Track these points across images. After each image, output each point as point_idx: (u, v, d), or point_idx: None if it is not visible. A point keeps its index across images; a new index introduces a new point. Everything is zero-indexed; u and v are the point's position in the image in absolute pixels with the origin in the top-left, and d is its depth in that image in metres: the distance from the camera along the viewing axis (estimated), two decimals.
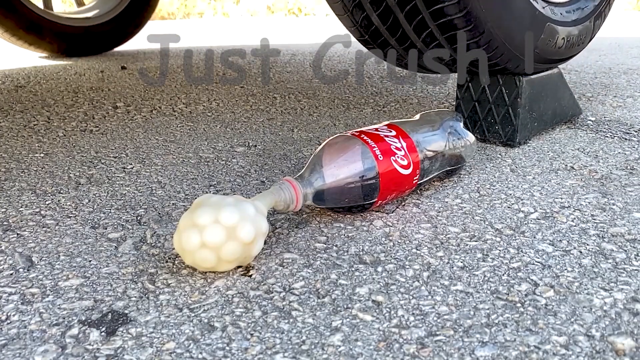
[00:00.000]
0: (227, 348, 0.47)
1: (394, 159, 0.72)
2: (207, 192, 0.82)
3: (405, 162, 0.73)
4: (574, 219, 0.72)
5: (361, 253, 0.63)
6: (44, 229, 0.71)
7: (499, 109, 1.04)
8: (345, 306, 0.53)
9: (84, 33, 2.43)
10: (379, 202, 0.72)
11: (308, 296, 0.55)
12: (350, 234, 0.68)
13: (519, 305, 0.53)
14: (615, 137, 1.08)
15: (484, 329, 0.49)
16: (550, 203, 0.77)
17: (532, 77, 1.04)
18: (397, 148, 0.73)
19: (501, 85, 1.04)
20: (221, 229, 0.56)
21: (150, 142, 1.11)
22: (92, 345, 0.48)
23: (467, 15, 0.87)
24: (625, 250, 0.63)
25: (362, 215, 0.74)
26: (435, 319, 0.51)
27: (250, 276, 0.59)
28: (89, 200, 0.80)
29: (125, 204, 0.79)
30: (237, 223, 0.56)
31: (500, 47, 0.93)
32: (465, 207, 0.76)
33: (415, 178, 0.75)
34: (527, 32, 0.96)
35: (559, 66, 1.15)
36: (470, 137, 0.85)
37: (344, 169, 0.68)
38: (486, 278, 0.58)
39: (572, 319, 0.50)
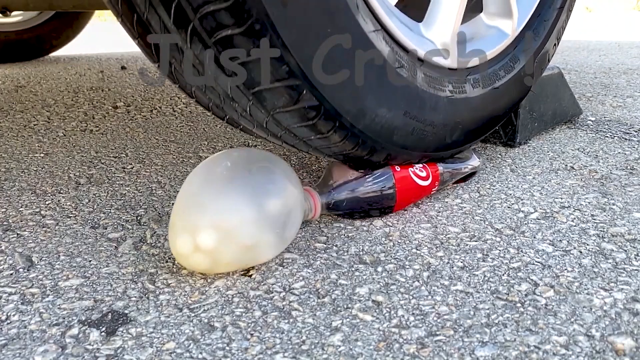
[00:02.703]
0: (227, 348, 0.47)
1: (412, 170, 0.74)
2: None
3: (424, 174, 0.75)
4: (574, 219, 0.72)
5: (361, 253, 0.63)
6: (44, 229, 0.71)
7: None
8: (345, 306, 0.53)
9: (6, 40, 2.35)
10: (396, 210, 0.74)
11: (308, 296, 0.55)
12: (350, 234, 0.68)
13: (519, 305, 0.53)
14: (615, 137, 1.08)
15: (484, 329, 0.49)
16: (550, 203, 0.77)
17: None
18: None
19: None
20: (216, 234, 0.54)
21: (150, 142, 1.11)
22: (92, 345, 0.48)
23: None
24: (625, 250, 0.63)
25: None
26: (435, 319, 0.51)
27: (250, 276, 0.59)
28: (89, 200, 0.80)
29: (125, 204, 0.79)
30: (234, 227, 0.55)
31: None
32: (465, 207, 0.76)
33: (433, 189, 0.77)
34: None
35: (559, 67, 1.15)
36: (476, 160, 0.88)
37: (360, 181, 0.70)
38: (486, 278, 0.58)
39: (572, 319, 0.50)
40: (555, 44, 0.95)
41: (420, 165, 0.76)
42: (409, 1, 0.86)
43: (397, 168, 0.73)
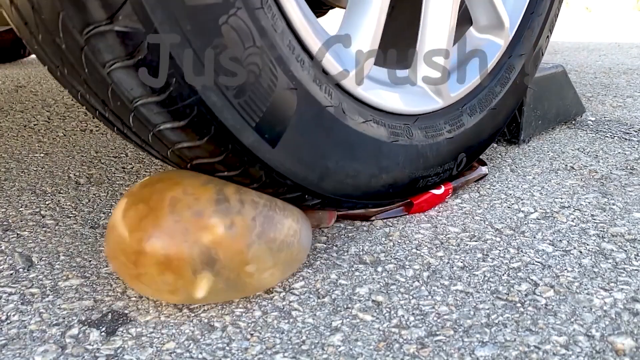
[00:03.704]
0: (227, 348, 0.47)
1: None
2: None
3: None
4: (574, 219, 0.72)
5: (361, 253, 0.63)
6: (44, 229, 0.71)
7: None
8: (345, 306, 0.53)
9: None
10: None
11: (308, 296, 0.55)
12: (350, 234, 0.68)
13: (519, 305, 0.53)
14: (615, 137, 1.08)
15: (484, 329, 0.49)
16: (550, 203, 0.77)
17: (537, 76, 1.04)
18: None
19: None
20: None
21: None
22: (92, 345, 0.48)
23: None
24: (625, 250, 0.63)
25: None
26: (435, 319, 0.51)
27: None
28: (89, 200, 0.80)
29: None
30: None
31: None
32: (465, 207, 0.76)
33: (447, 196, 0.78)
34: None
35: (563, 66, 1.15)
36: (484, 169, 0.88)
37: None
38: (486, 278, 0.58)
39: (572, 319, 0.50)
40: (548, 36, 0.90)
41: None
42: (393, 41, 0.83)
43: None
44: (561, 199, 0.78)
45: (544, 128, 1.10)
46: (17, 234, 0.69)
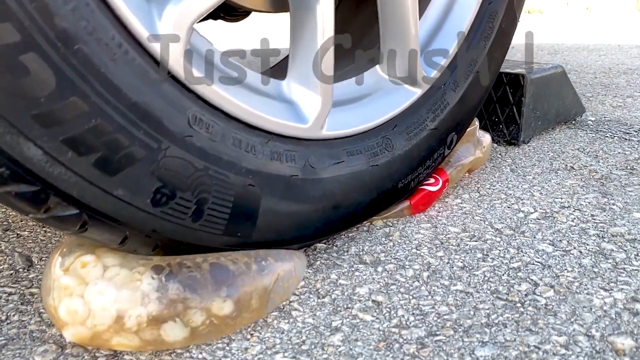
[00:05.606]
0: (227, 348, 0.47)
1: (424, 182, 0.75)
2: None
3: (433, 181, 0.75)
4: (574, 219, 0.72)
5: (361, 253, 0.63)
6: (44, 229, 0.71)
7: (503, 108, 1.04)
8: (345, 306, 0.53)
9: None
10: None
11: (308, 296, 0.55)
12: (350, 234, 0.68)
13: (519, 305, 0.53)
14: (615, 137, 1.08)
15: (484, 329, 0.49)
16: (550, 203, 0.77)
17: (537, 76, 1.04)
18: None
19: (505, 85, 1.04)
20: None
21: None
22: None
23: None
24: (625, 250, 0.63)
25: None
26: (435, 319, 0.51)
27: None
28: None
29: None
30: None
31: None
32: (465, 207, 0.76)
33: (444, 189, 0.77)
34: None
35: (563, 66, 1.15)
36: (487, 138, 0.87)
37: None
38: (486, 278, 0.58)
39: (572, 319, 0.50)
40: None
41: (432, 180, 0.76)
42: (360, 40, 0.78)
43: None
44: (561, 199, 0.78)
45: (544, 128, 1.10)
46: (17, 234, 0.69)
